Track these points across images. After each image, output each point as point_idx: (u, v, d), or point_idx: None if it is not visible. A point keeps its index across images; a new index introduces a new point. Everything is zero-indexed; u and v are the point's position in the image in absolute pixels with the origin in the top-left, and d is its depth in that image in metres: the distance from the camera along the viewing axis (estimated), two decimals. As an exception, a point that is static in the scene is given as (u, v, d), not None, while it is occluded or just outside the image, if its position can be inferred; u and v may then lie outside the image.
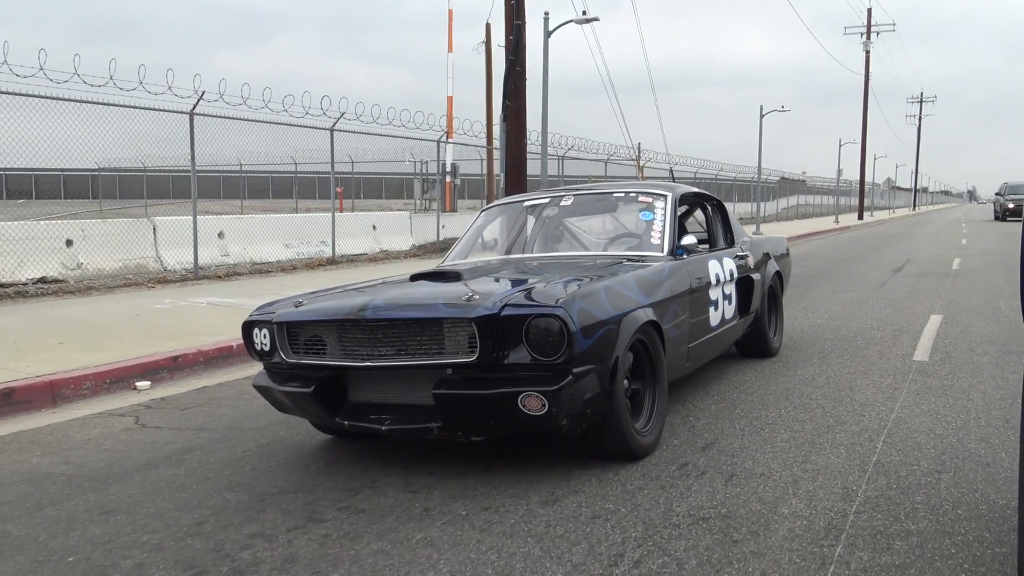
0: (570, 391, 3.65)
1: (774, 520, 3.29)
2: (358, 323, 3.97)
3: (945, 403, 5.12)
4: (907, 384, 5.67)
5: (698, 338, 5.15)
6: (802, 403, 5.21)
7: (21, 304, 10.05)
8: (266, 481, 4.05)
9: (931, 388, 5.54)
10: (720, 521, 3.29)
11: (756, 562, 2.91)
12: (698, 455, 4.17)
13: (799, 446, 4.28)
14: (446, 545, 3.14)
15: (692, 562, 2.92)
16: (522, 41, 13.90)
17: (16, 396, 5.82)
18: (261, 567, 3.02)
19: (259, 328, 4.37)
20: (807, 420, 4.79)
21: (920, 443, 4.30)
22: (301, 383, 4.17)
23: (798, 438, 4.43)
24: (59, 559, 3.18)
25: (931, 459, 4.04)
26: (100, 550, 3.26)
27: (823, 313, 9.23)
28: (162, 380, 6.70)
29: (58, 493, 3.99)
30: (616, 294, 4.15)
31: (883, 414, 4.89)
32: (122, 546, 3.29)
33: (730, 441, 4.40)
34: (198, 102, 12.49)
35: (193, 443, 4.81)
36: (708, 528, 3.22)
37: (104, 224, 12.68)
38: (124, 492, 3.98)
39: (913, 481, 3.72)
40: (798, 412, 4.98)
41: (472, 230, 6.33)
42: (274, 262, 14.67)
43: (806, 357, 6.71)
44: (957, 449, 4.18)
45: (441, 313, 3.82)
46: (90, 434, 5.14)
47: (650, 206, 5.52)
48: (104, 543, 3.32)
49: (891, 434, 4.46)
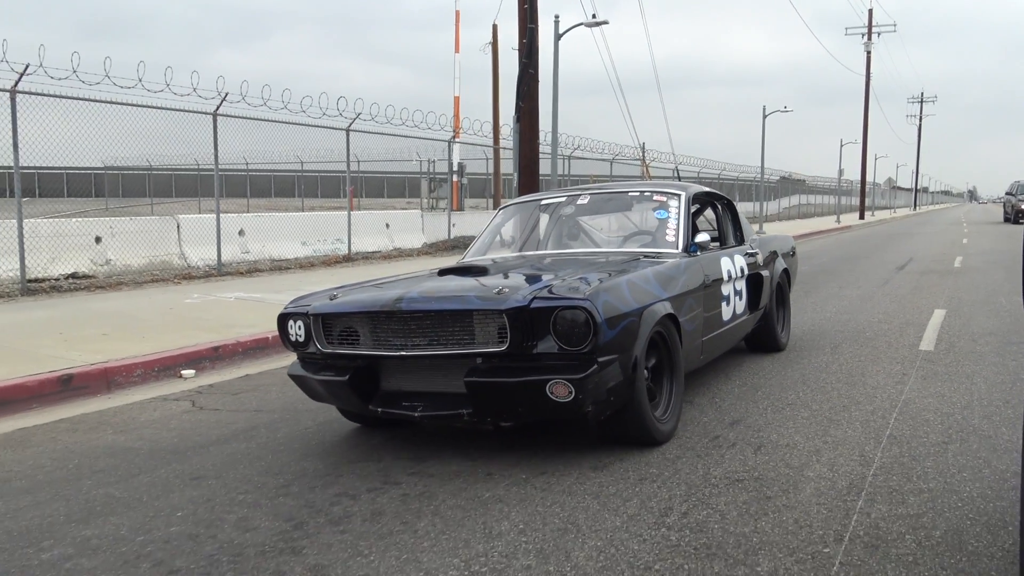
0: (595, 379, 3.88)
1: (801, 481, 3.75)
2: (393, 314, 4.20)
3: (950, 387, 5.58)
4: (914, 371, 6.12)
5: (711, 331, 5.40)
6: (818, 386, 5.67)
7: (57, 298, 10.48)
8: (335, 453, 4.49)
9: (937, 374, 6.00)
10: (753, 482, 3.74)
11: (789, 513, 3.36)
12: (727, 430, 4.63)
13: (819, 422, 4.74)
14: (513, 501, 3.60)
15: (733, 513, 3.38)
16: (535, 45, 14.35)
17: (74, 382, 6.25)
18: (353, 519, 3.46)
19: (294, 320, 4.60)
20: (824, 401, 5.25)
21: (928, 419, 4.76)
22: (336, 372, 4.41)
23: (817, 416, 4.89)
24: (168, 514, 3.62)
25: (939, 432, 4.49)
26: (203, 507, 3.70)
27: (831, 308, 9.69)
28: (204, 369, 7.12)
29: (144, 464, 4.42)
30: (637, 288, 4.39)
31: (893, 396, 5.35)
32: (222, 504, 3.73)
33: (755, 418, 4.86)
34: (221, 103, 12.94)
35: (255, 422, 5.24)
36: (744, 487, 3.68)
37: (131, 222, 13.12)
38: (206, 462, 4.41)
39: (923, 450, 4.18)
40: (815, 394, 5.44)
41: (491, 227, 6.56)
42: (292, 259, 15.12)
43: (819, 347, 7.16)
44: (962, 424, 4.64)
45: (474, 305, 4.05)
46: (153, 415, 5.57)
47: (665, 205, 5.77)
48: (204, 502, 3.77)
49: (902, 412, 4.92)
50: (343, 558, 3.07)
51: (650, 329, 4.28)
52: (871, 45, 46.29)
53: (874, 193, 61.70)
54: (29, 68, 10.28)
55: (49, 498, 3.89)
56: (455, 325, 4.09)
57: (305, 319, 4.53)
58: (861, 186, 48.93)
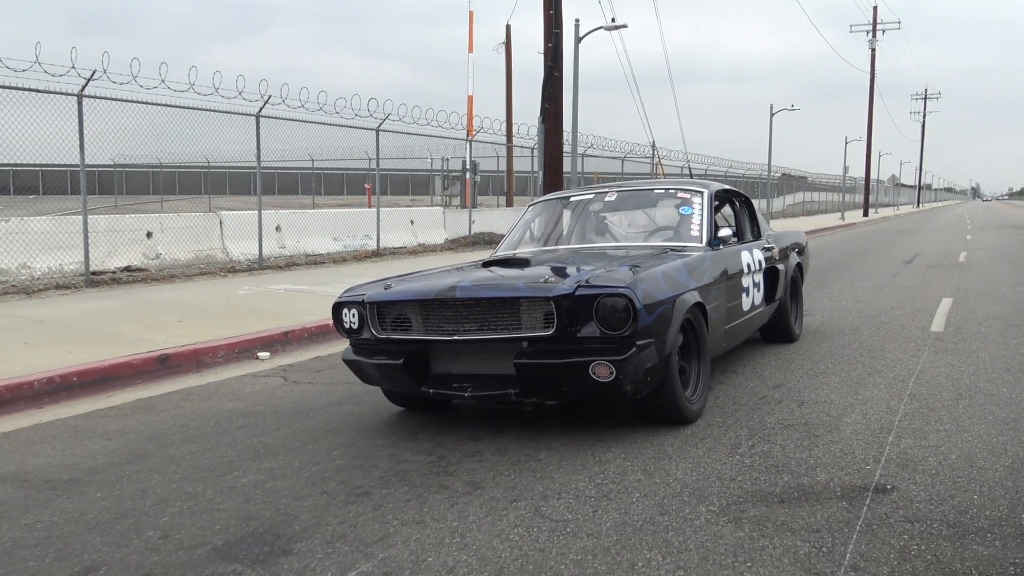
0: (634, 360, 4.30)
1: (841, 425, 4.69)
2: (446, 302, 4.62)
3: (959, 359, 6.53)
4: (927, 347, 7.07)
5: (733, 321, 5.82)
6: (844, 359, 6.61)
7: (118, 289, 11.37)
8: (441, 411, 5.40)
9: (947, 350, 6.94)
10: (802, 427, 4.68)
11: (835, 446, 4.31)
12: (772, 391, 5.57)
13: (849, 385, 5.69)
14: (611, 440, 4.53)
15: (790, 446, 4.32)
16: (560, 49, 15.28)
17: (170, 361, 7.14)
18: (483, 453, 4.38)
19: (348, 308, 5.03)
20: (850, 370, 6.19)
21: (941, 383, 5.71)
22: (390, 356, 4.82)
23: (847, 381, 5.84)
24: (327, 453, 4.52)
25: (951, 392, 5.44)
26: (352, 449, 4.61)
27: (847, 297, 10.63)
28: (277, 352, 8.00)
29: (275, 422, 5.30)
30: (671, 278, 4.82)
31: (910, 366, 6.30)
32: (366, 446, 4.63)
33: (794, 383, 5.80)
34: (264, 105, 13.84)
35: (354, 391, 6.11)
36: (794, 430, 4.62)
37: (179, 218, 14.03)
38: (331, 419, 5.30)
39: (938, 404, 5.12)
40: (842, 365, 6.38)
41: (522, 222, 7.04)
42: (325, 254, 16.03)
43: (839, 330, 8.10)
44: (970, 386, 5.59)
45: (523, 293, 4.48)
46: (255, 387, 6.46)
47: (689, 201, 6.21)
48: (349, 445, 4.67)
49: (919, 378, 5.87)
50: (489, 477, 3.99)
51: (682, 316, 4.70)
52: (876, 43, 47.28)
53: (878, 190, 62.78)
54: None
55: (213, 446, 4.78)
56: (504, 311, 4.51)
57: (360, 307, 4.96)
58: (865, 184, 49.94)
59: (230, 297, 10.71)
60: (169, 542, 3.34)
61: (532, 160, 24.08)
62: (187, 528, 3.48)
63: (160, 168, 36.76)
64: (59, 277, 11.51)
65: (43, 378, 6.19)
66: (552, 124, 15.39)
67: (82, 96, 11.25)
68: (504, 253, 6.44)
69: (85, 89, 11.22)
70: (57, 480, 4.20)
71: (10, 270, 11.22)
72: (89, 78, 11.18)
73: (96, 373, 6.54)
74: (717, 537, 3.19)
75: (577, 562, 3.01)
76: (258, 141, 13.98)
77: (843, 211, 42.41)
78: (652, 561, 3.00)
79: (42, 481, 4.19)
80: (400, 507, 3.63)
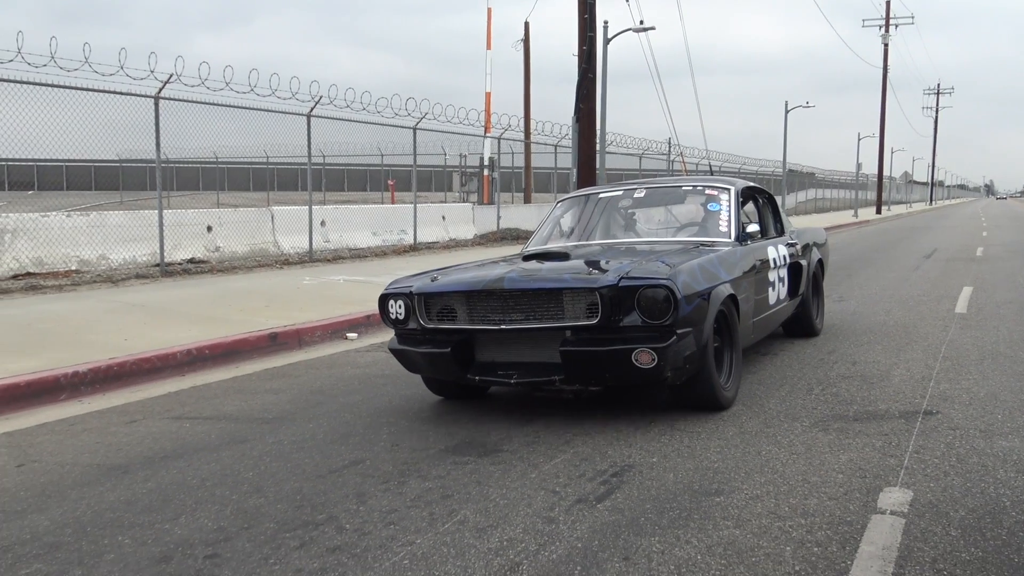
0: (675, 348, 4.72)
1: (889, 376, 6.11)
2: (493, 293, 5.00)
3: (982, 333, 7.95)
4: (953, 324, 8.49)
5: (761, 314, 6.29)
6: (883, 333, 8.03)
7: (191, 279, 12.71)
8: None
9: (971, 326, 8.37)
10: (858, 377, 6.10)
11: (887, 389, 5.72)
12: (827, 355, 6.97)
13: (891, 350, 7.11)
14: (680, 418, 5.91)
15: (853, 388, 5.74)
16: (593, 52, 16.69)
17: (279, 339, 8.48)
18: (555, 416, 5.76)
19: (394, 300, 5.45)
20: (890, 340, 7.60)
21: (968, 349, 7.13)
22: (436, 345, 5.22)
23: (888, 347, 7.25)
24: (447, 414, 5.89)
25: (976, 355, 6.86)
26: (505, 393, 5.97)
27: (874, 286, 12.06)
28: (362, 333, 9.33)
29: (409, 380, 6.61)
30: (706, 271, 5.24)
31: (941, 337, 7.73)
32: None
33: (844, 349, 7.21)
34: (315, 106, 15.22)
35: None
36: (852, 380, 6.03)
37: (235, 213, 15.43)
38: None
39: (967, 363, 6.54)
40: (881, 337, 7.80)
41: (551, 218, 7.46)
42: (366, 248, 17.41)
43: (874, 311, 9.52)
44: (992, 351, 7.01)
45: (569, 284, 4.87)
46: (367, 358, 7.78)
47: (716, 198, 6.64)
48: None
49: (949, 346, 7.29)
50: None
51: (717, 307, 5.12)
52: (888, 37, 48.82)
53: (890, 187, 64.43)
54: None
55: (373, 396, 6.06)
56: (550, 302, 4.90)
57: (406, 299, 5.37)
58: (878, 180, 51.48)
59: (298, 287, 12.04)
60: (401, 448, 4.71)
61: (555, 157, 25.49)
62: (409, 440, 4.86)
63: (168, 163, 37.98)
64: (135, 268, 12.87)
65: (183, 350, 7.52)
66: (586, 123, 16.79)
67: (158, 98, 12.60)
68: (536, 248, 6.78)
69: (161, 91, 12.57)
70: (263, 419, 5.48)
71: (91, 260, 12.57)
72: (165, 81, 12.51)
73: (223, 347, 7.86)
74: (813, 438, 4.61)
75: (719, 448, 4.46)
76: (309, 139, 15.36)
77: (856, 208, 43.89)
78: (770, 452, 4.41)
79: (249, 420, 5.48)
80: (574, 422, 5.00)
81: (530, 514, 3.65)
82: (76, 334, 7.92)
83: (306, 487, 4.10)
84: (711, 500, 3.74)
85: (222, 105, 13.55)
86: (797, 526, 3.44)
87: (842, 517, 3.52)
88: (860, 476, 4.00)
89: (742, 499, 3.75)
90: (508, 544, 3.35)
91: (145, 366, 7.01)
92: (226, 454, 4.70)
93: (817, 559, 3.14)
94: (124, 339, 7.71)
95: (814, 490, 3.83)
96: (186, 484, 4.21)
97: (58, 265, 12.12)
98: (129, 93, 12.17)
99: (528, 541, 3.37)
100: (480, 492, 3.93)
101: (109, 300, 10.22)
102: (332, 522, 3.64)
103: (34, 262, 11.87)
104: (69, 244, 12.24)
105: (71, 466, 4.58)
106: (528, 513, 3.66)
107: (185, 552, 3.40)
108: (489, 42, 29.11)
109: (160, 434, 5.17)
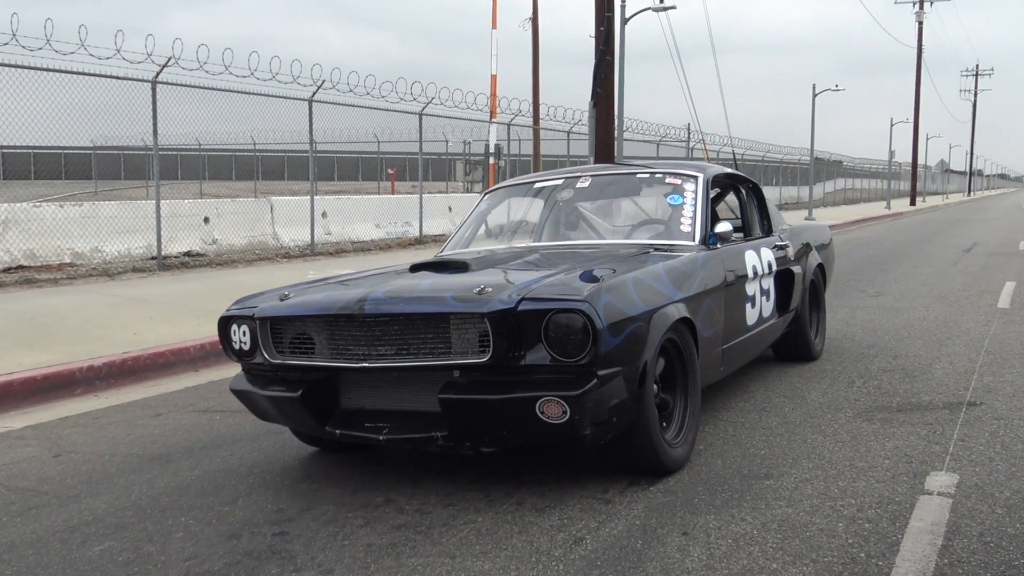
0: (595, 396, 3.76)
1: (932, 369, 6.54)
2: (354, 318, 4.03)
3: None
4: (996, 319, 8.92)
5: (734, 339, 5.33)
6: (923, 328, 8.45)
7: (189, 273, 13.13)
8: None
9: (1014, 321, 8.80)
10: (900, 371, 6.53)
11: (931, 381, 6.16)
12: (866, 350, 7.39)
13: (933, 345, 7.54)
14: (756, 374, 6.33)
15: (895, 381, 6.16)
16: (611, 33, 17.09)
17: None
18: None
19: (238, 324, 4.44)
20: (931, 336, 8.03)
21: (1011, 343, 7.55)
22: (286, 387, 4.24)
23: (930, 342, 7.68)
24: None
25: (1019, 349, 7.29)
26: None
27: (912, 281, 12.49)
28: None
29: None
30: (646, 287, 4.28)
31: (983, 332, 8.16)
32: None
33: (884, 344, 7.63)
34: (317, 91, 15.64)
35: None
36: (895, 373, 6.46)
37: (233, 204, 15.87)
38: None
39: (1011, 356, 6.97)
40: (922, 332, 8.22)
41: (475, 215, 6.45)
42: (369, 241, 17.85)
43: (913, 306, 9.95)
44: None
45: (450, 307, 3.91)
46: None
47: (679, 189, 5.66)
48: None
49: (991, 340, 7.72)
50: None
51: (661, 336, 4.20)
52: (923, 15, 49.19)
53: (925, 177, 64.84)
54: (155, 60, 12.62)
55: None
56: (428, 331, 3.96)
57: (251, 323, 4.40)
58: (912, 170, 51.89)
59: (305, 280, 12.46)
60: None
61: (567, 144, 25.93)
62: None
63: (165, 151, 38.41)
64: (130, 261, 13.30)
65: (196, 345, 7.94)
66: (604, 108, 17.19)
67: (155, 82, 13.02)
68: (449, 254, 5.95)
69: (159, 76, 12.98)
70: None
71: (84, 253, 13.01)
72: (163, 65, 12.92)
73: (236, 342, 8.30)
74: (857, 428, 5.05)
75: (764, 437, 4.89)
76: (311, 126, 15.78)
77: (888, 200, 44.28)
78: (815, 440, 4.84)
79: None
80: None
81: (585, 495, 4.06)
82: (82, 329, 8.34)
83: (357, 474, 4.51)
84: (761, 483, 4.17)
85: (220, 90, 13.97)
86: (848, 505, 3.86)
87: (891, 497, 3.95)
88: (906, 462, 4.43)
89: (792, 482, 4.17)
90: (569, 521, 3.78)
91: (159, 360, 7.44)
92: (267, 443, 5.11)
93: (869, 533, 3.56)
94: (134, 333, 8.13)
95: (862, 474, 4.26)
96: (234, 471, 4.63)
97: (51, 258, 12.55)
98: (126, 78, 12.58)
99: (587, 519, 3.79)
100: (534, 478, 4.34)
101: (109, 294, 10.64)
102: (391, 504, 4.06)
103: (26, 255, 12.31)
104: (62, 236, 12.67)
105: (110, 456, 5.00)
106: (583, 495, 4.07)
107: (252, 530, 3.82)
108: (495, 21, 29.49)
109: (192, 426, 5.59)
